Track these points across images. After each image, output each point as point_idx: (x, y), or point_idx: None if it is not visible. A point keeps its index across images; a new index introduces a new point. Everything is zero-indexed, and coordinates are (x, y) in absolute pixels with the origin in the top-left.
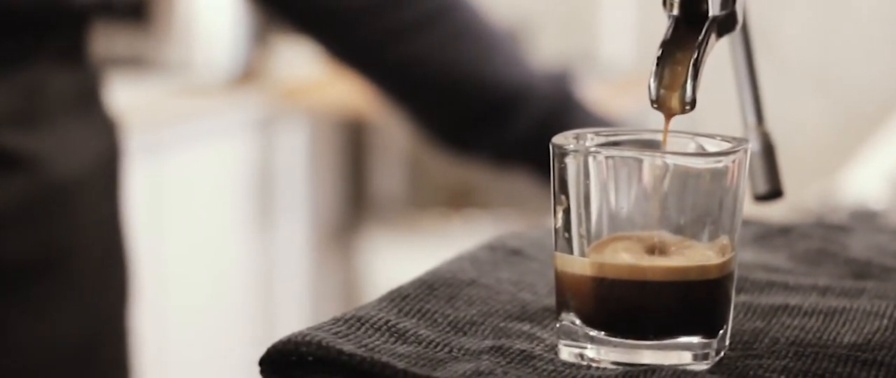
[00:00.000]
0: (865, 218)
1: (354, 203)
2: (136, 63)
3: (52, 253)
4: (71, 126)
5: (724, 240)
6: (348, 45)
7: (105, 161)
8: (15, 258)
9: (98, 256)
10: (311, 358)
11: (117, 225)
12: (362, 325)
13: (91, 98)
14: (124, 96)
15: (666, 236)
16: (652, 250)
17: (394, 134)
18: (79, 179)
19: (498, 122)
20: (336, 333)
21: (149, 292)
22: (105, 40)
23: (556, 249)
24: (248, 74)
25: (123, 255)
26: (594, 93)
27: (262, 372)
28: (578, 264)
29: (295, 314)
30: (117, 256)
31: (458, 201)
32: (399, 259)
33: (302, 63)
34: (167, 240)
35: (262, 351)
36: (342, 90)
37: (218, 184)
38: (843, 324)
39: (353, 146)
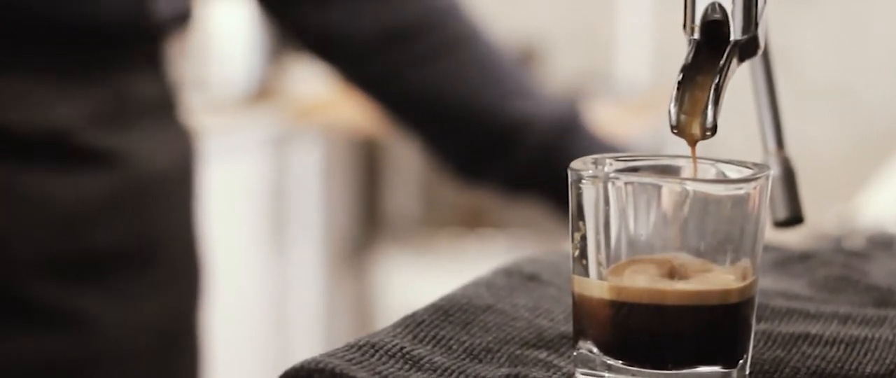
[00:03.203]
0: (883, 242)
1: (368, 222)
2: None
3: (138, 245)
4: (152, 129)
5: (745, 264)
6: (361, 72)
7: (183, 163)
8: (105, 248)
9: (178, 252)
10: None
11: (193, 225)
12: (376, 351)
13: (169, 105)
14: None
15: (686, 259)
16: (671, 274)
17: (408, 153)
18: (161, 177)
19: (505, 151)
20: (350, 360)
21: None
22: None
23: (573, 274)
24: (263, 93)
25: (199, 255)
26: (610, 113)
27: None
28: (596, 288)
29: (308, 332)
30: (194, 255)
31: (473, 221)
32: (413, 278)
33: (316, 82)
34: None
35: (274, 372)
36: (356, 109)
37: (232, 201)
38: (865, 354)
39: (368, 165)
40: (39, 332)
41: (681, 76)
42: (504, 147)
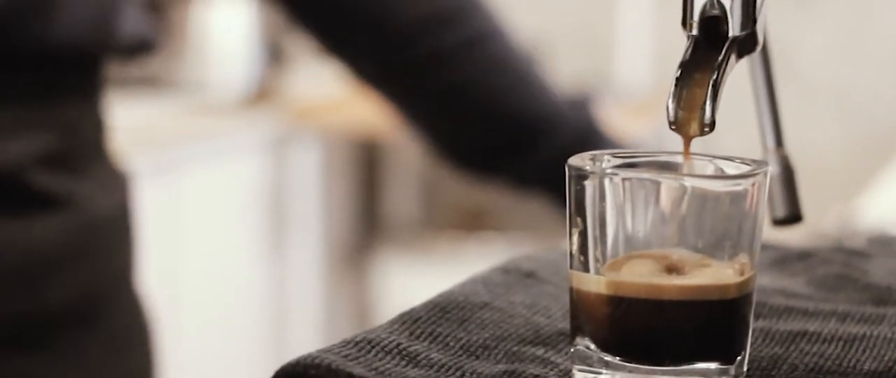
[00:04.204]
0: (883, 243)
1: (368, 224)
2: (150, 82)
3: (89, 300)
4: (96, 168)
5: (743, 260)
6: (389, 68)
7: (124, 207)
8: (57, 305)
9: (126, 309)
10: None
11: (136, 277)
12: (373, 347)
13: (107, 145)
14: (139, 115)
15: (684, 254)
16: (670, 269)
17: (408, 155)
18: (107, 223)
19: (525, 148)
20: (346, 356)
21: (162, 309)
22: None
23: (571, 270)
24: (262, 94)
25: (146, 313)
26: (611, 115)
27: None
28: (594, 282)
29: (307, 334)
30: (141, 312)
31: (472, 223)
32: (412, 280)
33: (316, 83)
34: (180, 259)
35: (271, 373)
36: (356, 110)
37: (231, 203)
38: (863, 351)
39: (367, 167)
40: None
41: (679, 72)
42: (528, 143)
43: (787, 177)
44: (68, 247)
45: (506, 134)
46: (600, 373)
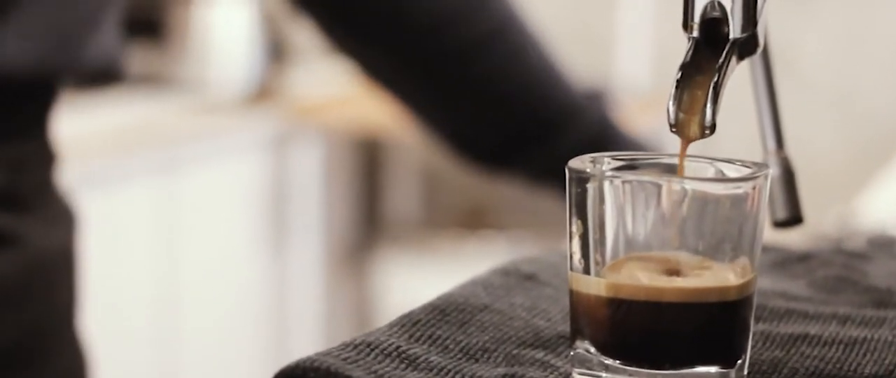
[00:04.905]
0: (883, 244)
1: (368, 222)
2: (151, 80)
3: (35, 338)
4: (43, 205)
5: (743, 262)
6: (406, 64)
7: (70, 245)
8: (4, 342)
9: (71, 348)
10: None
11: (78, 318)
12: (372, 350)
13: (55, 176)
14: (139, 113)
15: (684, 257)
16: (670, 272)
17: (409, 153)
18: (54, 260)
19: (545, 140)
20: (345, 359)
21: (162, 308)
22: None
23: (570, 272)
24: (263, 92)
25: (89, 354)
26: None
27: None
28: (594, 284)
29: (308, 333)
30: (85, 353)
31: (473, 222)
32: (413, 279)
33: (317, 81)
34: (180, 258)
35: (271, 372)
36: (357, 109)
37: (232, 202)
38: (864, 354)
39: (368, 165)
40: None
41: (679, 75)
42: (545, 136)
43: (788, 179)
44: (16, 285)
45: (523, 127)
46: (600, 376)
